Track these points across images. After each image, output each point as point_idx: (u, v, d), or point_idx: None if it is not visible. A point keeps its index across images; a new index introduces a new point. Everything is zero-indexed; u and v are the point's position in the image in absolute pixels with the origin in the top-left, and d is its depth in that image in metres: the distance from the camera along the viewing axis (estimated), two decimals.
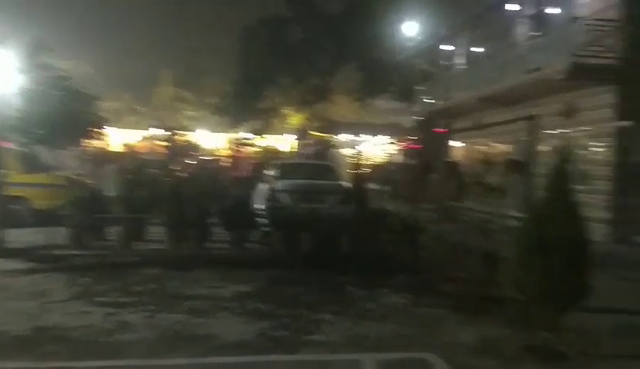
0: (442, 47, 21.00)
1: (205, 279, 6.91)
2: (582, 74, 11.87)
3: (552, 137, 12.87)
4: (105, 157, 13.43)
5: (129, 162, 12.48)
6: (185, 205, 8.53)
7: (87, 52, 37.87)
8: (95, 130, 7.82)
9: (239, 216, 8.17)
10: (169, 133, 23.28)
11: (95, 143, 22.76)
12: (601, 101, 12.27)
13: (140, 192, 10.69)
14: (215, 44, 36.90)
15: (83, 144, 14.28)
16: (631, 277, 7.85)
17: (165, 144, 22.77)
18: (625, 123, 11.58)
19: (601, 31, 11.90)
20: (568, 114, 13.03)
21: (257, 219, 8.70)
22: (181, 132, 24.90)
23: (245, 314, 5.46)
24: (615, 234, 11.21)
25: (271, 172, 10.36)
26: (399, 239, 8.27)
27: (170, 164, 17.67)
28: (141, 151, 26.98)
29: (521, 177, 6.01)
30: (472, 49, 19.03)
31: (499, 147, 15.21)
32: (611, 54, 11.78)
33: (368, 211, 9.52)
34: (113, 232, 8.56)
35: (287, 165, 11.50)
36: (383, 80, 24.90)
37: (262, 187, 9.79)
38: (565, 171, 4.50)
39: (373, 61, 23.94)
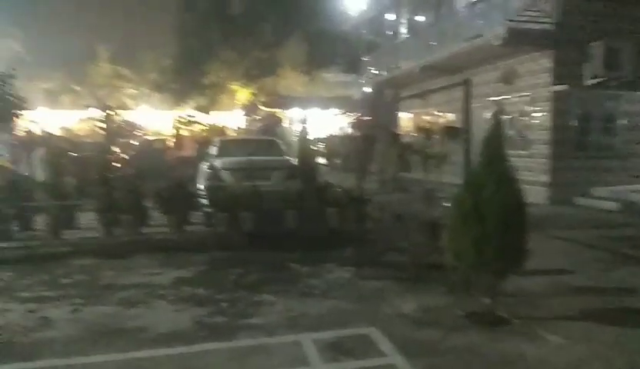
0: (386, 16, 20.86)
1: (141, 266, 6.55)
2: (519, 40, 12.04)
3: (493, 103, 13.07)
4: (33, 141, 12.57)
5: (59, 145, 11.73)
6: (119, 189, 8.05)
7: (17, 30, 35.33)
8: (14, 111, 7.09)
9: (177, 198, 7.77)
10: (106, 113, 22.10)
11: (22, 126, 21.39)
12: (538, 66, 12.54)
13: (71, 177, 10.10)
14: (153, 16, 35.03)
15: (5, 128, 13.34)
16: (567, 237, 8.12)
17: (102, 125, 21.65)
18: (561, 87, 11.89)
19: None
20: (507, 80, 13.24)
21: (197, 200, 8.34)
22: (119, 111, 23.73)
23: (182, 301, 5.19)
24: (555, 197, 11.62)
25: (212, 150, 9.96)
26: (344, 212, 8.16)
27: (106, 145, 16.86)
28: (77, 133, 25.65)
29: (458, 145, 5.98)
30: (415, 18, 19.00)
31: (443, 117, 15.36)
32: (547, 19, 12.01)
33: (313, 185, 9.33)
34: (41, 221, 7.95)
35: (227, 142, 11.11)
36: (329, 51, 24.54)
37: (203, 167, 9.40)
38: (498, 137, 4.43)
39: (318, 32, 23.50)
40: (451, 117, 14.69)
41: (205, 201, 8.36)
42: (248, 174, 8.36)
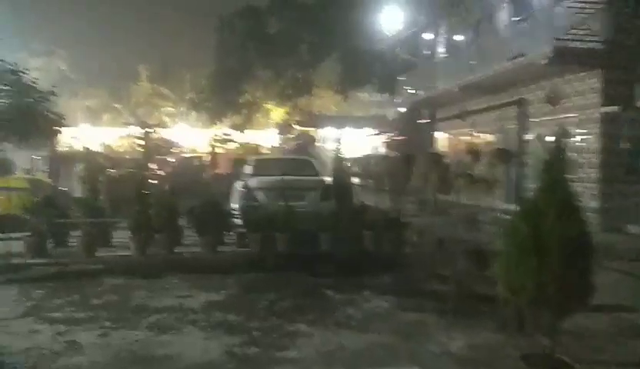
0: (423, 35, 20.58)
1: (173, 287, 6.37)
2: (566, 59, 11.53)
3: (538, 125, 12.53)
4: (73, 157, 12.79)
5: (97, 161, 11.87)
6: (153, 206, 7.95)
7: (62, 49, 36.86)
8: (52, 127, 7.16)
9: (210, 217, 7.61)
10: (145, 130, 22.52)
11: (63, 142, 21.97)
12: (586, 87, 11.96)
13: (107, 194, 10.13)
14: (192, 37, 35.91)
15: (46, 144, 13.63)
16: (621, 269, 7.52)
17: (140, 142, 22.04)
18: (611, 108, 11.27)
19: (585, 13, 11.56)
20: (553, 100, 12.69)
21: (231, 219, 8.16)
22: (157, 129, 24.16)
23: (213, 327, 4.94)
24: (605, 224, 10.92)
25: (246, 169, 9.82)
26: (381, 235, 7.82)
27: (144, 163, 17.08)
28: (117, 150, 26.26)
29: (509, 168, 5.60)
30: (453, 37, 18.64)
31: (484, 137, 14.86)
32: (596, 38, 11.46)
33: (349, 206, 9.04)
34: (77, 238, 7.93)
35: (262, 161, 10.95)
36: (364, 71, 24.38)
37: (237, 186, 9.25)
38: (560, 160, 4.04)
39: (353, 51, 23.39)
40: (491, 138, 14.20)
41: (238, 221, 8.18)
42: (282, 194, 8.13)
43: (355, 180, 14.77)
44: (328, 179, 9.91)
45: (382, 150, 23.39)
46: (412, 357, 4.23)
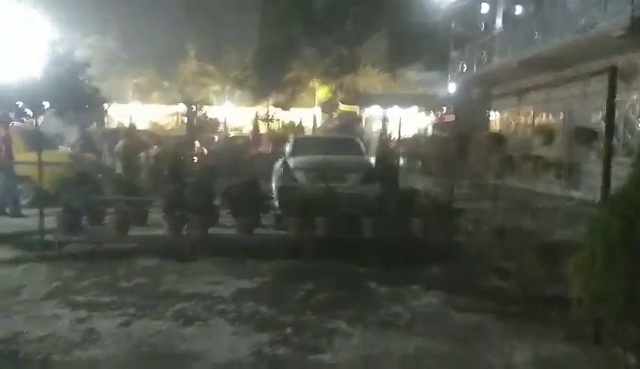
0: (478, 7, 19.24)
1: (204, 272, 5.96)
2: None
3: (603, 106, 11.28)
4: (117, 134, 12.69)
5: (140, 139, 11.69)
6: (190, 185, 7.60)
7: (113, 27, 37.47)
8: (90, 101, 6.88)
9: (247, 198, 7.16)
10: (190, 108, 22.47)
11: (113, 119, 22.23)
12: None
13: (148, 171, 9.91)
14: (238, 14, 35.53)
15: (91, 119, 13.61)
16: None
17: (185, 120, 22.04)
18: None
19: None
20: (627, 77, 11.37)
21: (269, 201, 7.69)
22: (203, 107, 24.06)
23: (242, 320, 4.47)
24: None
25: (286, 148, 9.31)
26: (432, 222, 7.12)
27: (188, 140, 16.96)
28: (164, 127, 26.47)
29: (592, 151, 4.79)
30: (512, 9, 17.27)
31: (546, 118, 13.68)
32: None
33: (395, 189, 8.38)
34: (112, 216, 7.68)
35: (302, 139, 10.42)
36: (413, 47, 23.26)
37: (277, 166, 8.77)
38: None
39: (402, 27, 22.30)
40: (554, 120, 13.03)
41: (276, 203, 7.70)
42: (323, 175, 7.58)
43: (402, 162, 14.01)
44: (373, 160, 9.27)
45: (431, 131, 22.32)
46: None
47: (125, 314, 4.56)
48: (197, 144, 17.57)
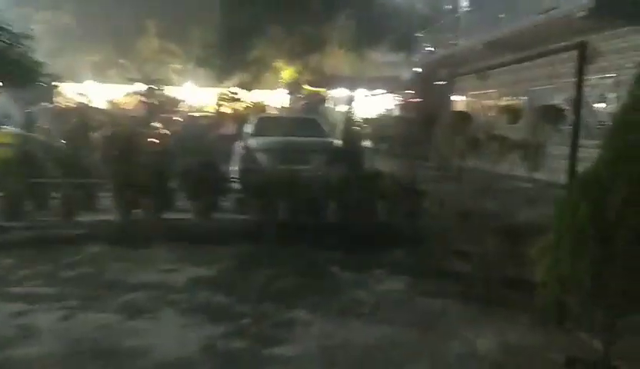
0: None
1: (157, 259, 5.62)
2: (607, 11, 10.30)
3: (569, 85, 11.38)
4: (67, 113, 11.98)
5: (93, 118, 11.06)
6: (143, 167, 7.15)
7: (68, 2, 35.50)
8: (31, 76, 6.34)
9: (205, 180, 6.79)
10: (149, 87, 21.50)
11: (67, 98, 21.12)
12: (626, 44, 10.77)
13: (100, 152, 9.34)
14: None
15: (39, 97, 12.78)
16: None
17: (145, 99, 21.11)
18: None
19: None
20: (590, 59, 11.48)
21: (228, 183, 7.34)
22: (163, 86, 23.12)
23: (195, 311, 4.19)
24: None
25: (248, 128, 8.95)
26: (396, 205, 6.97)
27: (145, 120, 16.24)
28: (121, 107, 25.39)
29: (559, 131, 4.68)
30: None
31: (509, 100, 13.74)
32: None
33: (359, 172, 8.18)
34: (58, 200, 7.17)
35: (264, 120, 10.03)
36: (379, 28, 22.98)
37: (238, 147, 8.41)
38: (634, 123, 3.12)
39: (368, 6, 21.95)
40: (518, 101, 13.09)
41: (236, 185, 7.36)
42: (285, 157, 7.31)
43: (367, 143, 13.85)
44: (337, 141, 9.04)
45: (397, 112, 22.25)
46: (432, 359, 3.44)
47: (66, 307, 4.20)
48: (155, 124, 16.87)
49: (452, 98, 18.37)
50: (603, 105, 11.16)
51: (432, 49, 18.83)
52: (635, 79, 3.39)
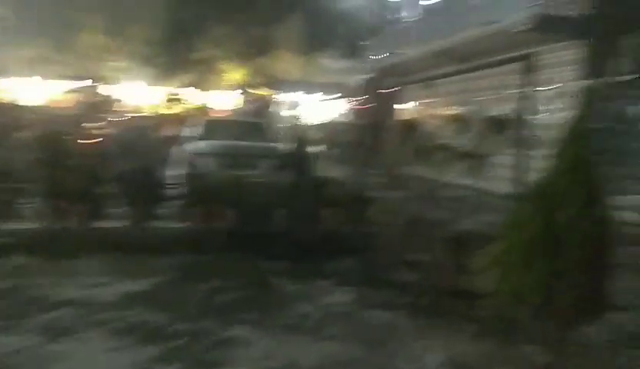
0: None
1: (86, 272, 5.17)
2: (545, 27, 10.71)
3: (507, 98, 11.76)
4: None
5: (12, 117, 10.23)
6: (73, 171, 6.62)
7: None
8: None
9: (142, 185, 6.37)
10: (86, 85, 20.42)
11: None
12: (563, 59, 11.24)
13: (27, 155, 8.62)
14: None
15: None
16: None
17: (81, 98, 20.01)
18: (587, 82, 10.61)
19: None
20: (528, 71, 11.93)
21: (168, 189, 6.94)
22: (102, 84, 22.05)
23: (126, 331, 3.83)
24: None
25: (192, 131, 8.56)
26: (344, 213, 6.84)
27: (81, 121, 15.35)
28: (56, 106, 23.94)
29: (506, 141, 4.71)
30: None
31: (457, 109, 14.03)
32: (578, 6, 10.69)
33: (307, 178, 7.99)
34: None
35: (210, 123, 9.66)
36: (328, 33, 23.03)
37: (180, 151, 8.00)
38: (584, 133, 3.12)
39: (317, 11, 21.93)
40: (465, 110, 13.39)
41: (178, 191, 6.97)
42: (231, 161, 7.00)
43: (316, 149, 13.71)
44: (285, 147, 8.82)
45: (345, 118, 22.33)
46: None
47: None
48: (93, 124, 15.98)
49: (400, 106, 18.62)
50: (545, 116, 11.59)
51: (381, 57, 19.00)
52: (585, 90, 3.43)
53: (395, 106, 18.34)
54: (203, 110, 21.04)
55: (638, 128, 11.20)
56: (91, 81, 21.38)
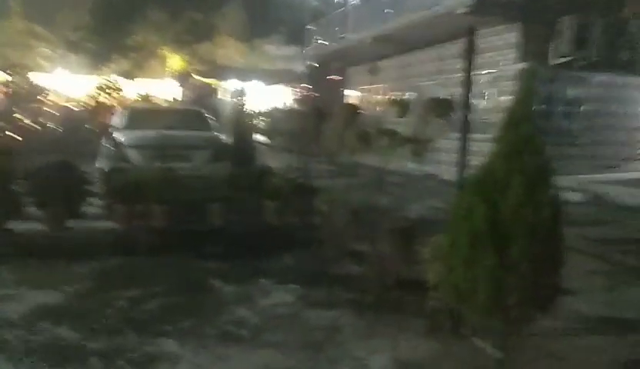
0: None
1: None
2: (485, 9, 10.75)
3: (450, 81, 11.77)
4: None
5: None
6: None
7: None
8: None
9: (58, 182, 5.73)
10: (9, 73, 18.79)
11: None
12: (502, 42, 11.34)
13: None
14: None
15: None
16: None
17: (4, 88, 18.41)
18: (526, 65, 10.74)
19: None
20: (470, 54, 11.94)
21: (90, 186, 6.31)
22: (28, 73, 20.38)
23: (34, 353, 3.30)
24: None
25: (117, 121, 7.89)
26: (286, 205, 6.49)
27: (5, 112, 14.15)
28: None
29: (450, 125, 4.50)
30: None
31: (400, 94, 13.94)
32: None
33: (248, 170, 7.57)
34: None
35: (137, 111, 8.97)
36: (271, 18, 22.42)
37: (104, 142, 7.33)
38: (528, 115, 2.90)
39: None
40: (410, 96, 13.31)
41: (102, 188, 6.36)
42: (162, 154, 6.47)
43: (260, 138, 13.25)
44: (224, 136, 8.32)
45: (293, 104, 21.87)
46: None
47: None
48: (15, 115, 14.76)
49: (345, 91, 18.41)
50: (483, 101, 11.67)
51: (324, 42, 18.67)
52: (524, 73, 3.23)
53: (340, 92, 18.11)
54: (145, 99, 19.92)
55: (576, 110, 11.53)
56: (14, 69, 19.68)
